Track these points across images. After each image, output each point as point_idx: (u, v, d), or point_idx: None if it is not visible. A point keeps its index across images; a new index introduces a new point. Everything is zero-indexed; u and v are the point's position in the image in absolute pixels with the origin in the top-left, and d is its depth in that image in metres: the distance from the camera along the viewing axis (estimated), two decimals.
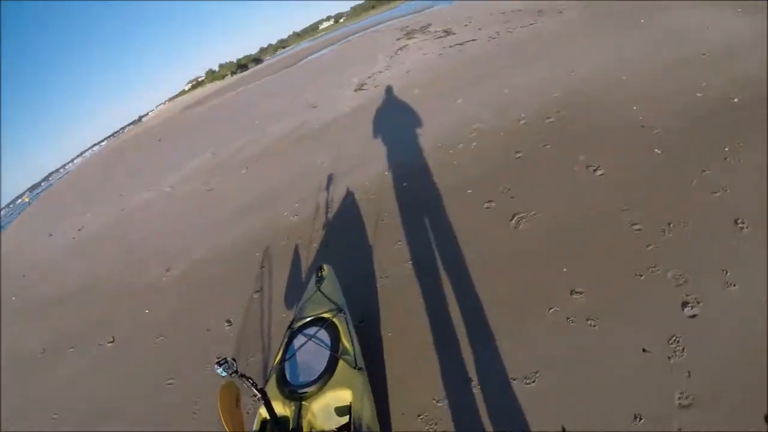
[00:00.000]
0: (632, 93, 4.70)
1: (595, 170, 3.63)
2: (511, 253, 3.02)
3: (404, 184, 4.56)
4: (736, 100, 3.91)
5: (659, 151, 3.60)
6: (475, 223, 3.47)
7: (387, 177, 4.83)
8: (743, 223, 2.63)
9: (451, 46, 10.49)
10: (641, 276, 2.48)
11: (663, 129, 3.88)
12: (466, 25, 12.58)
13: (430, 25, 16.16)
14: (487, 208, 3.60)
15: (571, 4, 10.11)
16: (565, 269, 2.71)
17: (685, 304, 2.27)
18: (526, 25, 9.79)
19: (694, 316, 2.20)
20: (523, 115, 5.08)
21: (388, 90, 8.57)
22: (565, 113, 4.79)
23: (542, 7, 11.13)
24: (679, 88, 4.44)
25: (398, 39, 16.06)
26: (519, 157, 4.24)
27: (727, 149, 3.32)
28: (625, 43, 6.35)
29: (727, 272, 2.35)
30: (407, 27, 19.11)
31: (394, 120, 6.95)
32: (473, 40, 10.17)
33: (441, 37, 12.47)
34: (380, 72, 10.97)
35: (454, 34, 11.99)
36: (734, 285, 2.27)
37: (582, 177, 3.62)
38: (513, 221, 3.32)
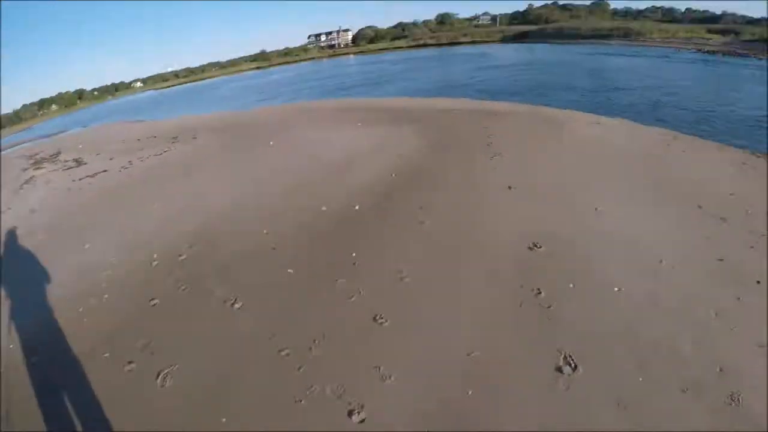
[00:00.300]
0: (262, 217, 5.04)
1: (233, 304, 3.62)
2: (164, 415, 2.72)
3: (34, 358, 3.67)
4: (356, 207, 4.56)
5: (292, 271, 3.84)
6: (119, 391, 2.98)
7: (13, 352, 3.77)
8: (382, 317, 2.99)
9: (81, 179, 9.46)
10: (301, 401, 2.51)
11: (293, 248, 4.15)
12: (98, 154, 12.11)
13: (60, 152, 14.44)
14: (129, 370, 3.16)
15: (203, 130, 11.12)
16: (224, 419, 2.52)
17: (351, 413, 2.36)
18: (159, 153, 10.00)
19: (362, 420, 2.31)
20: (154, 256, 4.81)
21: (10, 236, 6.90)
22: (198, 248, 4.77)
23: (177, 133, 11.79)
24: (306, 205, 4.96)
25: (25, 169, 13.31)
26: (154, 305, 3.94)
27: (354, 254, 3.77)
28: (256, 166, 6.96)
29: (380, 368, 2.57)
30: (36, 154, 16.15)
31: (16, 275, 5.53)
32: (105, 171, 9.54)
33: (71, 167, 11.42)
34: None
35: (85, 164, 11.32)
36: (390, 377, 2.50)
37: (221, 313, 3.55)
38: (159, 380, 2.99)
